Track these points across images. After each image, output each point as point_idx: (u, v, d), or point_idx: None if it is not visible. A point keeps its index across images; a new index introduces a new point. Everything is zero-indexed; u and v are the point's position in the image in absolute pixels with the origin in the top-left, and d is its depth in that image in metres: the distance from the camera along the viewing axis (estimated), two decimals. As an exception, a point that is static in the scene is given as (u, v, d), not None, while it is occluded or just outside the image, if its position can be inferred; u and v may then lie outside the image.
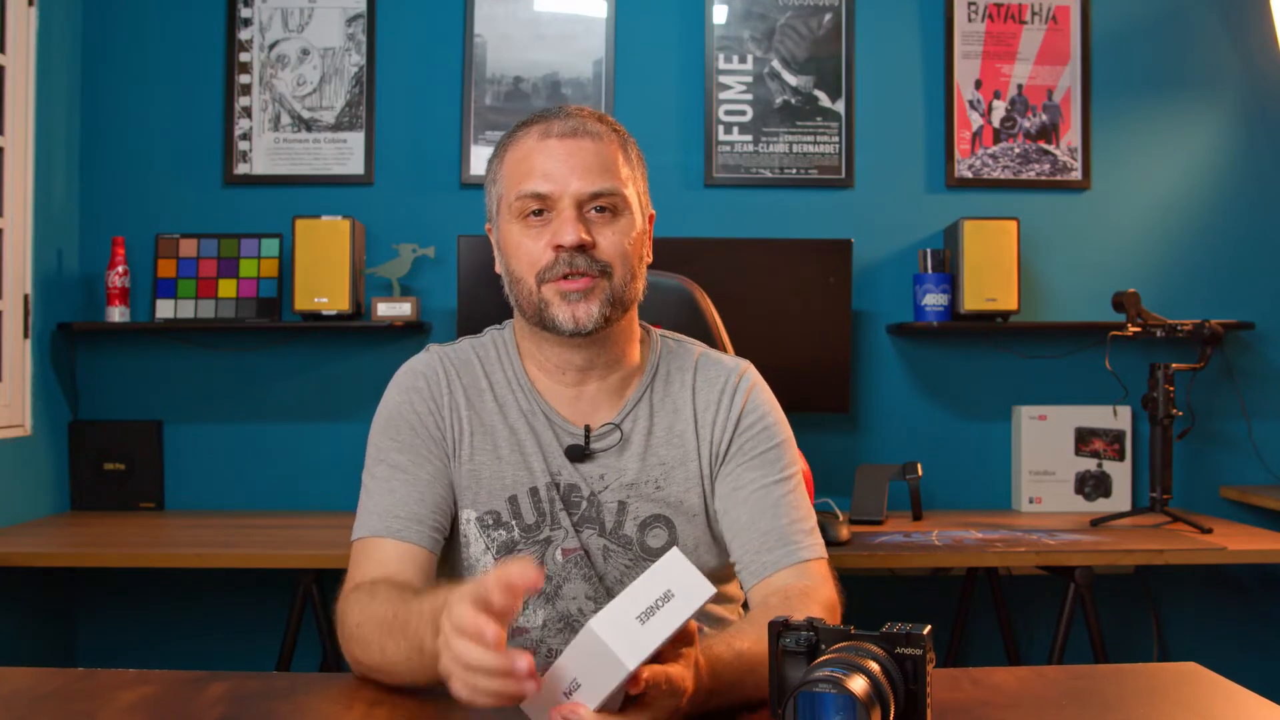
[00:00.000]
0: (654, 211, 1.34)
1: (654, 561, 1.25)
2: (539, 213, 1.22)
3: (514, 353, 1.32)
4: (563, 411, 1.29)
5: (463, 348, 1.34)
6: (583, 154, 1.22)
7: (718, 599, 1.31)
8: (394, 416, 1.28)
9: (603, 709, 0.89)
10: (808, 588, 1.20)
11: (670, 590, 0.90)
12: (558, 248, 1.20)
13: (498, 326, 1.37)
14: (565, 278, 1.21)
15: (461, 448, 1.28)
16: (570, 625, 1.26)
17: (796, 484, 1.30)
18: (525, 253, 1.23)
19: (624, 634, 0.87)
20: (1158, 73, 2.95)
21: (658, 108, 2.89)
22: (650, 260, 1.31)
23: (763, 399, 1.33)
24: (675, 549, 0.93)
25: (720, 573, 1.31)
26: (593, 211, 1.22)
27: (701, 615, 1.29)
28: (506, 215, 1.25)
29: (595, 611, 1.25)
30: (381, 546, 1.21)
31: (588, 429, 1.28)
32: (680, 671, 0.91)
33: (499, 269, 1.30)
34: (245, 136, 2.86)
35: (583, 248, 1.20)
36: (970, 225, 2.74)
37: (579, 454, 1.27)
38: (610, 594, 1.26)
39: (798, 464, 1.33)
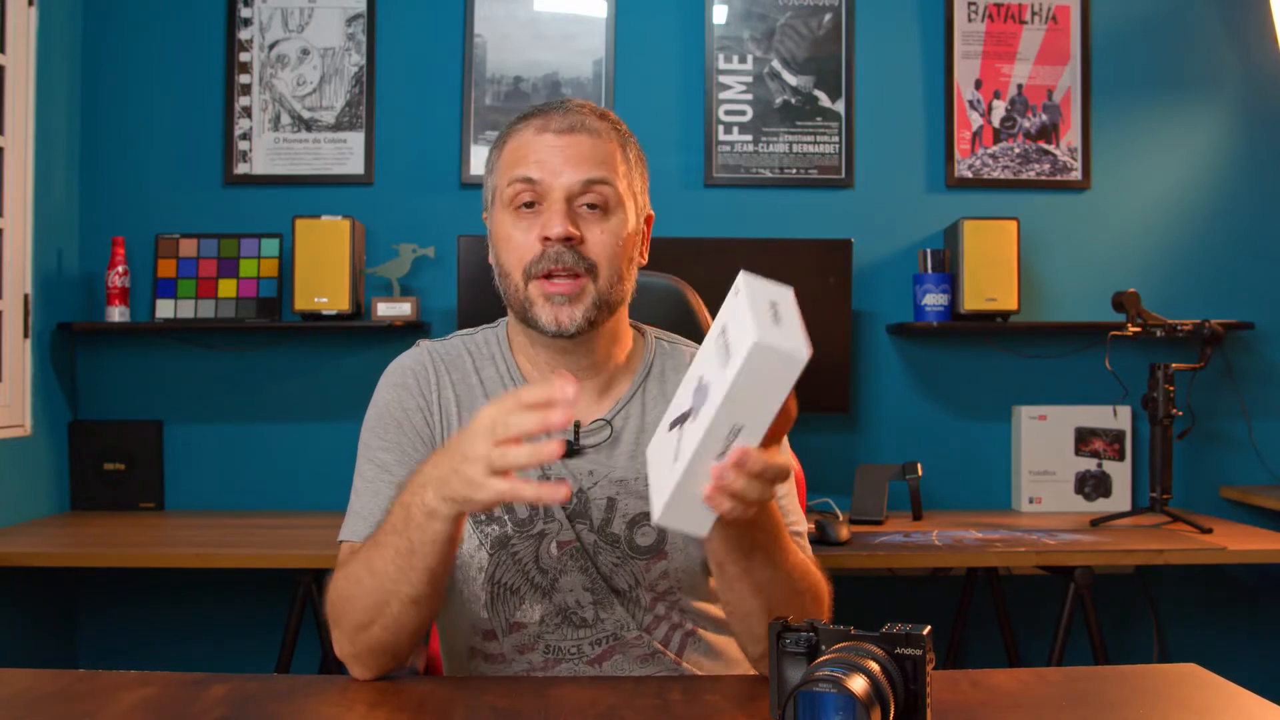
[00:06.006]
0: (653, 213, 1.33)
1: (641, 559, 1.25)
2: (530, 205, 1.22)
3: (506, 348, 1.32)
4: None
5: (454, 344, 1.34)
6: (578, 148, 1.22)
7: (711, 599, 1.31)
8: (383, 415, 1.29)
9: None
10: None
11: (769, 295, 0.91)
12: (545, 240, 1.20)
13: (491, 325, 1.37)
14: (550, 276, 1.21)
15: None
16: (568, 619, 1.26)
17: (789, 487, 1.30)
18: (514, 245, 1.23)
19: (780, 335, 0.86)
20: (1158, 73, 2.95)
21: (658, 108, 2.89)
22: (644, 262, 1.31)
23: None
24: (742, 272, 0.94)
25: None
26: (584, 208, 1.22)
27: (700, 616, 1.30)
28: (499, 204, 1.26)
29: (593, 603, 1.25)
30: None
31: (577, 425, 1.27)
32: None
33: (491, 259, 1.30)
34: (245, 136, 2.86)
35: (570, 242, 1.20)
36: (970, 225, 2.74)
37: (568, 450, 1.26)
38: (608, 584, 1.26)
39: (791, 467, 1.33)
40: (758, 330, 0.84)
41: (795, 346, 0.85)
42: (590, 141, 1.23)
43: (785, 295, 0.92)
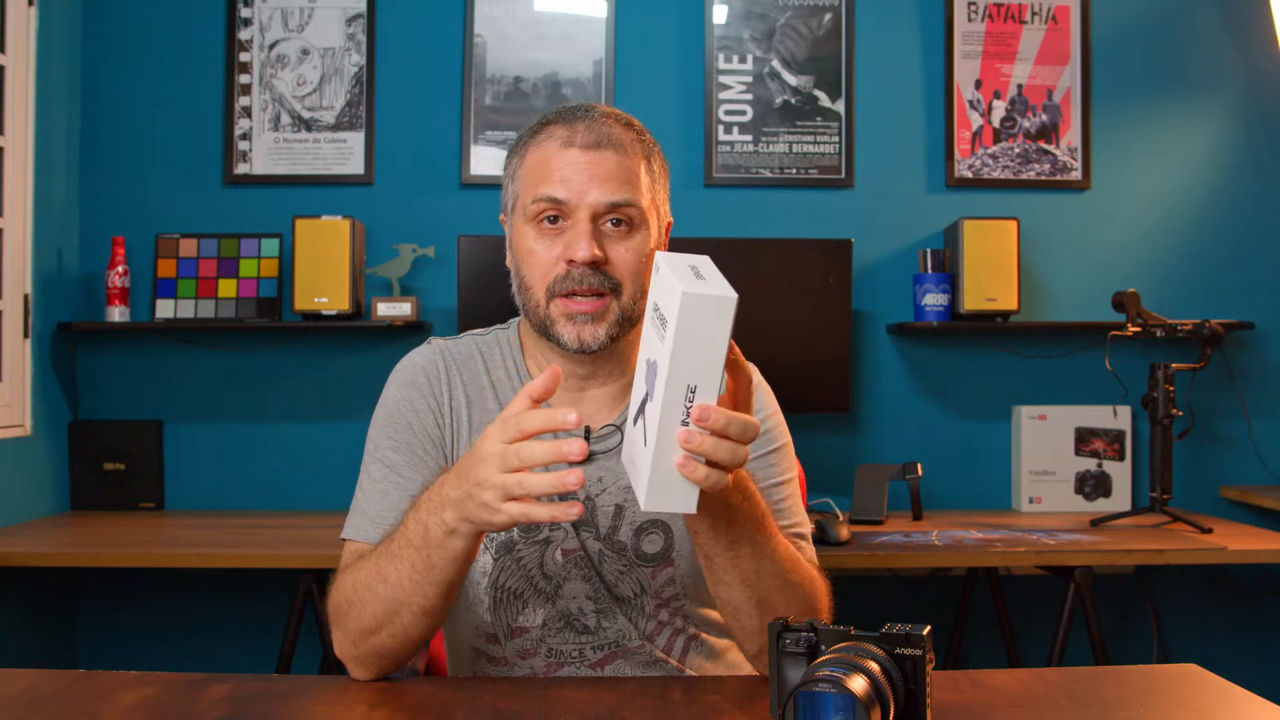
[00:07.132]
0: (672, 220, 1.33)
1: (648, 567, 1.25)
2: (554, 220, 1.21)
3: (518, 352, 1.31)
4: None
5: (465, 342, 1.33)
6: (605, 165, 1.20)
7: (713, 604, 1.31)
8: (393, 414, 1.28)
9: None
10: None
11: (687, 261, 0.95)
12: (570, 261, 1.19)
13: (503, 325, 1.37)
14: (573, 295, 1.20)
15: (460, 446, 1.27)
16: (570, 624, 1.26)
17: (794, 489, 1.30)
18: (538, 261, 1.21)
19: (706, 286, 0.90)
20: (1158, 73, 2.95)
21: (658, 108, 2.89)
22: None
23: (765, 401, 1.32)
24: (658, 253, 0.98)
25: None
26: (608, 225, 1.21)
27: (704, 621, 1.30)
28: (521, 215, 1.24)
29: (595, 611, 1.25)
30: None
31: (588, 430, 1.27)
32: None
33: (509, 263, 1.28)
34: (245, 136, 2.86)
35: (595, 263, 1.19)
36: (970, 225, 2.74)
37: None
38: (611, 592, 1.26)
39: (795, 469, 1.33)
40: (683, 285, 0.88)
41: (723, 291, 0.89)
42: (616, 158, 1.21)
43: (703, 259, 0.96)
